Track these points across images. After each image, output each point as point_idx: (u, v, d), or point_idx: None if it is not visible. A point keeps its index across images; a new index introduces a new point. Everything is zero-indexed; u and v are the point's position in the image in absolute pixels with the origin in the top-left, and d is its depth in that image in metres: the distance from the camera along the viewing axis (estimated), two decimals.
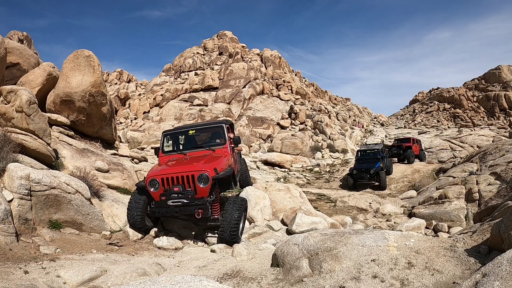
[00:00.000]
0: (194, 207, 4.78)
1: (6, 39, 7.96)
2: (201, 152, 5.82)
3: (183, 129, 6.45)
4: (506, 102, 40.40)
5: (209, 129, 6.60)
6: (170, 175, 4.92)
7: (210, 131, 6.57)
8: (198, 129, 6.36)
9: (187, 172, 4.87)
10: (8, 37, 21.79)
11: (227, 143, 5.92)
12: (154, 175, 5.03)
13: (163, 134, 6.39)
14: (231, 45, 42.62)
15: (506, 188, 7.79)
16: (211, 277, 3.80)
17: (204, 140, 6.59)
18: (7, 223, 3.68)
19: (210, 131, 6.57)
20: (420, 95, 66.49)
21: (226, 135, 6.00)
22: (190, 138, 6.44)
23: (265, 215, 6.98)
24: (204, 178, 4.80)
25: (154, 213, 5.04)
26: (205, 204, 4.80)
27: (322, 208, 11.09)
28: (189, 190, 4.84)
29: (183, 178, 4.88)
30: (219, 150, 5.81)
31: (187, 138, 6.48)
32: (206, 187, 4.82)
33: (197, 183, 4.81)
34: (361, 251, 3.33)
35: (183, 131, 6.37)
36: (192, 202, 4.80)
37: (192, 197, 4.81)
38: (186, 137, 6.49)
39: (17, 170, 4.21)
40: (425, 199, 10.74)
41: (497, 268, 2.14)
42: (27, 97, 5.23)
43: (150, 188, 4.99)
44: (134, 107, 34.22)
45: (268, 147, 23.54)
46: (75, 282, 3.16)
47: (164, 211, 4.94)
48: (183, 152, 5.92)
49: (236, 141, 6.12)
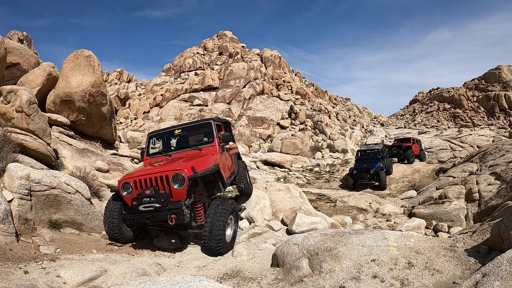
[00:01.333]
0: (166, 212, 4.22)
1: (6, 39, 7.96)
2: (186, 152, 5.42)
3: (168, 130, 6.06)
4: (506, 102, 40.40)
5: (196, 127, 6.09)
6: (143, 177, 4.43)
7: (198, 130, 6.12)
8: (185, 128, 5.92)
9: (160, 173, 4.36)
10: (8, 37, 21.79)
11: (215, 141, 5.44)
12: (126, 178, 4.60)
13: (148, 136, 6.05)
14: (231, 45, 42.62)
15: (506, 188, 7.78)
16: (211, 277, 3.80)
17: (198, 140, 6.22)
18: (7, 223, 3.68)
19: (198, 129, 6.11)
20: (420, 95, 66.49)
21: (214, 133, 5.51)
22: (181, 139, 6.13)
23: (265, 215, 6.98)
24: (179, 178, 4.27)
25: (125, 220, 4.54)
26: (180, 208, 4.20)
27: (322, 208, 11.09)
28: (162, 193, 4.31)
29: (157, 179, 4.37)
30: (206, 149, 5.38)
31: (178, 139, 6.18)
32: (182, 188, 4.28)
33: (172, 184, 4.29)
34: (361, 251, 3.33)
35: (169, 131, 5.97)
36: (164, 206, 4.25)
37: (165, 201, 4.27)
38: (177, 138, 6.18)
39: (17, 170, 4.21)
40: (425, 199, 10.74)
41: (497, 268, 2.14)
42: (27, 97, 5.23)
43: (123, 192, 4.55)
44: (134, 107, 34.22)
45: (268, 147, 23.54)
46: (75, 282, 3.16)
47: (135, 217, 4.39)
48: (168, 153, 5.55)
49: (226, 138, 5.59)
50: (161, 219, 4.28)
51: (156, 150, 6.13)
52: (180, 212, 4.20)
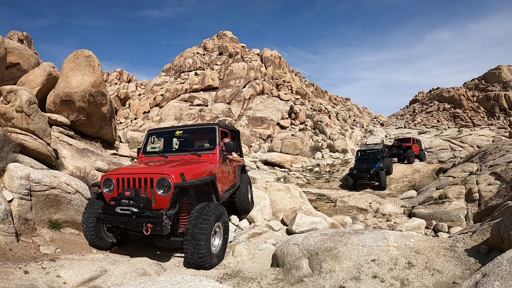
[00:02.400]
0: (143, 220, 3.75)
1: (6, 39, 7.96)
2: (183, 156, 5.02)
3: (170, 129, 5.75)
4: (506, 102, 40.41)
5: (199, 131, 5.77)
6: (127, 175, 4.05)
7: (201, 134, 5.79)
8: (187, 130, 5.58)
9: (145, 174, 3.96)
10: (8, 37, 21.79)
11: (217, 149, 4.98)
12: (109, 174, 4.25)
13: (148, 133, 5.68)
14: (231, 45, 42.63)
15: (506, 188, 7.78)
16: (211, 277, 3.80)
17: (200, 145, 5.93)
18: (7, 223, 3.68)
19: (200, 133, 5.79)
20: (420, 95, 66.51)
21: (217, 140, 5.05)
22: (182, 141, 5.84)
23: (265, 215, 6.99)
24: (164, 184, 3.80)
25: (99, 219, 4.10)
26: (159, 218, 3.72)
27: (322, 208, 11.09)
28: (143, 197, 3.86)
29: (141, 181, 3.95)
30: (205, 156, 4.93)
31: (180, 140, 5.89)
32: (166, 196, 3.80)
33: (156, 190, 3.83)
34: (361, 251, 3.34)
35: (170, 131, 5.68)
36: (142, 213, 3.79)
37: (145, 206, 3.82)
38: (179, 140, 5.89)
39: (17, 170, 4.21)
40: (425, 199, 10.74)
41: (497, 268, 2.14)
42: (27, 97, 5.23)
43: (104, 188, 4.20)
44: (134, 107, 34.23)
45: (268, 147, 23.54)
46: (75, 282, 3.16)
47: (110, 219, 3.97)
48: (165, 154, 5.13)
49: (229, 148, 5.13)
50: (136, 227, 3.81)
51: (156, 149, 5.88)
52: (159, 222, 3.71)
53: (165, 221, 3.76)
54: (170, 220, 3.87)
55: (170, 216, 3.88)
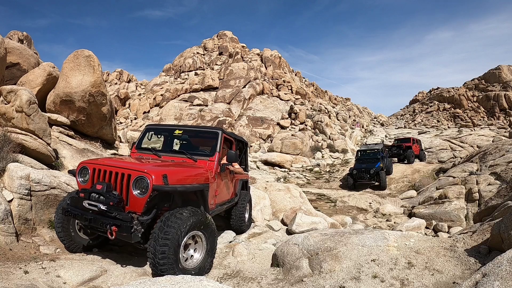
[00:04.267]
0: (108, 221, 3.25)
1: (6, 39, 7.96)
2: (177, 158, 4.55)
3: (169, 126, 5.40)
4: (506, 102, 40.42)
5: (200, 133, 5.34)
6: (104, 167, 3.61)
7: (202, 137, 5.35)
8: (188, 130, 5.18)
9: (123, 169, 3.47)
10: (8, 37, 21.79)
11: (216, 156, 4.49)
12: (86, 162, 3.84)
13: (146, 128, 5.34)
14: (231, 45, 42.66)
15: (506, 188, 7.78)
16: (211, 277, 3.80)
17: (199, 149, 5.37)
18: (7, 223, 3.68)
19: (202, 136, 5.34)
20: (420, 95, 66.51)
21: (217, 146, 4.59)
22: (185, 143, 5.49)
23: (265, 215, 6.99)
24: (142, 184, 3.32)
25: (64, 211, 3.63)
26: (127, 222, 3.19)
27: (322, 208, 11.09)
28: (115, 195, 3.38)
29: (117, 176, 3.48)
30: (201, 162, 4.42)
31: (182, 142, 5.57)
32: (143, 198, 3.29)
33: (131, 189, 3.35)
34: (361, 251, 3.34)
35: (169, 129, 5.33)
36: (110, 212, 3.29)
37: (115, 205, 3.32)
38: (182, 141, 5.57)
39: (17, 170, 4.21)
40: (425, 199, 10.74)
41: (497, 268, 2.14)
42: (27, 97, 5.23)
43: (78, 177, 3.80)
44: (134, 107, 34.24)
45: (268, 147, 23.55)
46: (75, 282, 3.16)
47: (75, 213, 3.50)
48: (159, 153, 4.73)
49: (230, 157, 4.60)
50: (100, 227, 3.31)
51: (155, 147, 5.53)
52: (125, 227, 3.17)
53: (135, 227, 3.22)
54: (143, 227, 3.31)
55: (143, 223, 3.31)
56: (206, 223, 3.64)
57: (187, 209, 3.46)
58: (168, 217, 3.29)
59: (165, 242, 3.14)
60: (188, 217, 3.35)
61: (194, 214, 3.46)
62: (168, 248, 3.13)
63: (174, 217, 3.29)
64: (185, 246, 3.46)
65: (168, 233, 3.16)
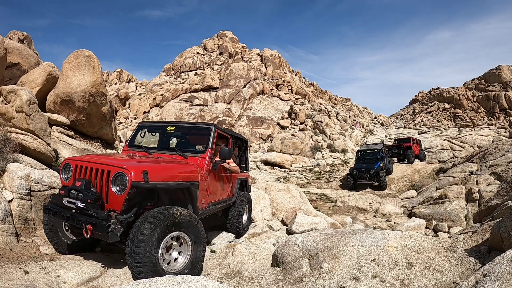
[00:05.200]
0: (83, 219, 3.12)
1: (6, 39, 7.96)
2: (166, 155, 4.41)
3: (162, 123, 5.25)
4: (506, 102, 40.44)
5: (193, 129, 5.18)
6: (86, 163, 3.49)
7: (194, 133, 5.19)
8: (180, 127, 5.03)
9: (103, 166, 3.33)
10: (8, 37, 21.79)
11: (207, 153, 4.30)
12: (70, 159, 3.75)
13: (139, 125, 5.19)
14: (231, 45, 42.66)
15: (506, 188, 7.79)
16: (211, 277, 3.80)
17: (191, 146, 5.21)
18: (7, 223, 3.69)
19: (194, 132, 5.17)
20: (420, 95, 66.52)
21: (210, 143, 4.39)
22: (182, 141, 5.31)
23: (265, 215, 6.99)
24: (121, 181, 3.17)
25: (45, 208, 3.54)
26: (103, 220, 3.04)
27: (322, 208, 11.09)
28: (93, 192, 3.24)
29: (97, 172, 3.35)
30: (192, 159, 4.23)
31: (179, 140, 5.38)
32: (121, 195, 3.14)
33: (111, 186, 3.20)
34: (361, 251, 3.34)
35: (161, 125, 5.19)
36: (87, 210, 3.15)
37: (92, 203, 3.18)
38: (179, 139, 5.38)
39: (17, 170, 4.21)
40: (425, 199, 10.74)
41: (497, 268, 2.14)
42: (27, 97, 5.23)
43: (62, 174, 3.72)
44: (134, 107, 34.24)
45: (268, 147, 23.55)
46: (75, 282, 3.16)
47: (54, 210, 3.39)
48: (149, 150, 4.56)
49: (223, 154, 4.41)
50: (77, 225, 3.20)
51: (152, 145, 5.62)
52: (101, 226, 3.01)
53: (113, 226, 3.05)
54: (122, 227, 3.12)
55: (123, 222, 3.13)
56: (192, 223, 3.38)
57: (167, 207, 3.23)
58: (146, 216, 3.09)
59: (140, 243, 2.93)
60: (168, 216, 3.12)
61: (176, 213, 3.21)
62: (143, 249, 2.92)
63: (151, 216, 3.07)
64: (168, 248, 3.25)
65: (144, 233, 2.95)
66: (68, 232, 3.80)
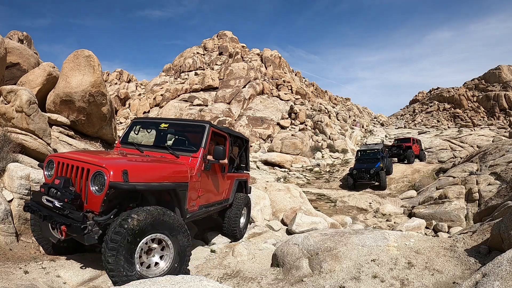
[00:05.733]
0: (58, 219, 2.98)
1: (6, 39, 7.96)
2: (158, 153, 4.19)
3: (156, 120, 5.03)
4: (506, 102, 40.44)
5: (187, 127, 4.98)
6: (68, 160, 3.34)
7: (188, 131, 5.01)
8: (174, 124, 4.83)
9: (83, 163, 3.17)
10: (8, 37, 21.80)
11: (200, 152, 4.08)
12: (54, 155, 3.63)
13: (132, 122, 5.00)
14: (231, 45, 42.67)
15: (506, 188, 7.79)
16: (211, 277, 3.80)
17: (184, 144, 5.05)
18: (7, 223, 3.68)
19: (188, 130, 5.00)
20: (420, 95, 66.52)
21: (203, 142, 4.18)
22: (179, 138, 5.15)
23: (265, 215, 6.99)
24: (99, 180, 2.99)
25: (25, 206, 3.46)
26: (77, 222, 2.88)
27: (322, 208, 11.09)
28: (71, 191, 3.09)
29: (78, 170, 3.19)
30: (184, 158, 4.03)
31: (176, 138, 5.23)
32: (99, 195, 2.96)
33: (90, 185, 3.03)
34: (361, 251, 3.34)
35: (156, 122, 4.95)
36: (63, 210, 3.00)
37: (70, 202, 3.02)
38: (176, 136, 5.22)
39: (17, 170, 4.21)
40: (425, 199, 10.74)
41: (497, 268, 2.14)
42: (27, 97, 5.23)
43: (45, 170, 3.62)
44: (134, 107, 34.24)
45: (268, 147, 23.55)
46: (75, 282, 3.17)
47: (34, 209, 3.27)
48: (141, 148, 4.34)
49: (216, 153, 4.22)
50: (53, 225, 3.12)
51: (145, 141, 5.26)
52: (76, 228, 2.85)
53: (89, 228, 2.89)
54: (101, 229, 2.95)
55: (101, 224, 2.94)
56: (174, 225, 3.14)
57: (145, 208, 3.00)
58: (123, 217, 2.89)
59: (113, 245, 2.75)
60: (145, 218, 2.91)
61: (154, 214, 2.99)
62: (116, 251, 2.73)
63: (127, 217, 2.87)
64: (149, 251, 3.08)
65: (118, 235, 2.77)
66: (54, 231, 3.59)
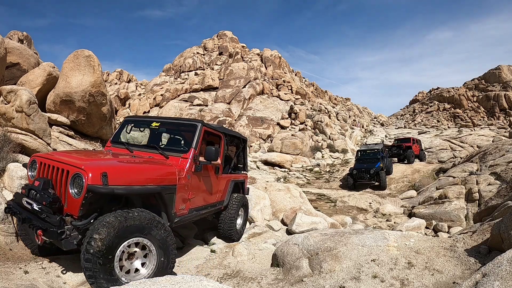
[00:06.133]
0: (37, 222, 2.83)
1: (6, 39, 7.96)
2: (147, 153, 3.99)
3: (148, 118, 4.85)
4: (506, 102, 40.45)
5: (179, 126, 4.77)
6: (49, 161, 3.21)
7: (180, 130, 4.84)
8: (165, 123, 4.62)
9: (63, 164, 3.03)
10: (8, 37, 21.80)
11: (190, 153, 3.87)
12: (37, 155, 3.50)
13: (124, 120, 4.80)
14: (231, 45, 42.67)
15: (506, 188, 7.78)
16: (211, 277, 3.80)
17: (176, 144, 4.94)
18: (7, 223, 3.68)
19: (180, 129, 4.81)
20: (420, 95, 66.53)
21: (194, 142, 3.96)
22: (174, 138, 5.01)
23: (265, 215, 6.99)
24: (78, 183, 2.84)
25: (5, 207, 3.35)
26: (54, 226, 2.75)
27: (322, 208, 11.09)
28: (50, 193, 2.97)
29: (58, 172, 3.06)
30: (173, 159, 3.82)
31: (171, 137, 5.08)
32: (78, 198, 2.81)
33: (69, 187, 2.88)
34: (361, 251, 3.34)
35: (148, 121, 4.75)
36: (40, 213, 2.87)
37: (47, 205, 2.88)
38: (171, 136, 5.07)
39: (17, 170, 4.21)
40: (425, 199, 10.74)
41: (497, 268, 2.14)
42: (27, 97, 5.23)
43: (29, 170, 3.53)
44: (134, 107, 34.22)
45: (268, 147, 23.55)
46: (75, 282, 3.16)
47: (14, 210, 3.16)
48: (131, 148, 4.16)
49: (208, 154, 4.00)
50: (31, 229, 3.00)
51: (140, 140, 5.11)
52: (52, 233, 2.71)
53: (67, 233, 2.75)
54: (80, 233, 2.80)
55: (79, 228, 2.79)
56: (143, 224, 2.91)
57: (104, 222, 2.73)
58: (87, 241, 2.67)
59: (90, 273, 2.60)
60: (107, 233, 2.68)
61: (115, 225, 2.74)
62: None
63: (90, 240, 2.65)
64: (130, 255, 2.91)
65: (89, 263, 2.60)
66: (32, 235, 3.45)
